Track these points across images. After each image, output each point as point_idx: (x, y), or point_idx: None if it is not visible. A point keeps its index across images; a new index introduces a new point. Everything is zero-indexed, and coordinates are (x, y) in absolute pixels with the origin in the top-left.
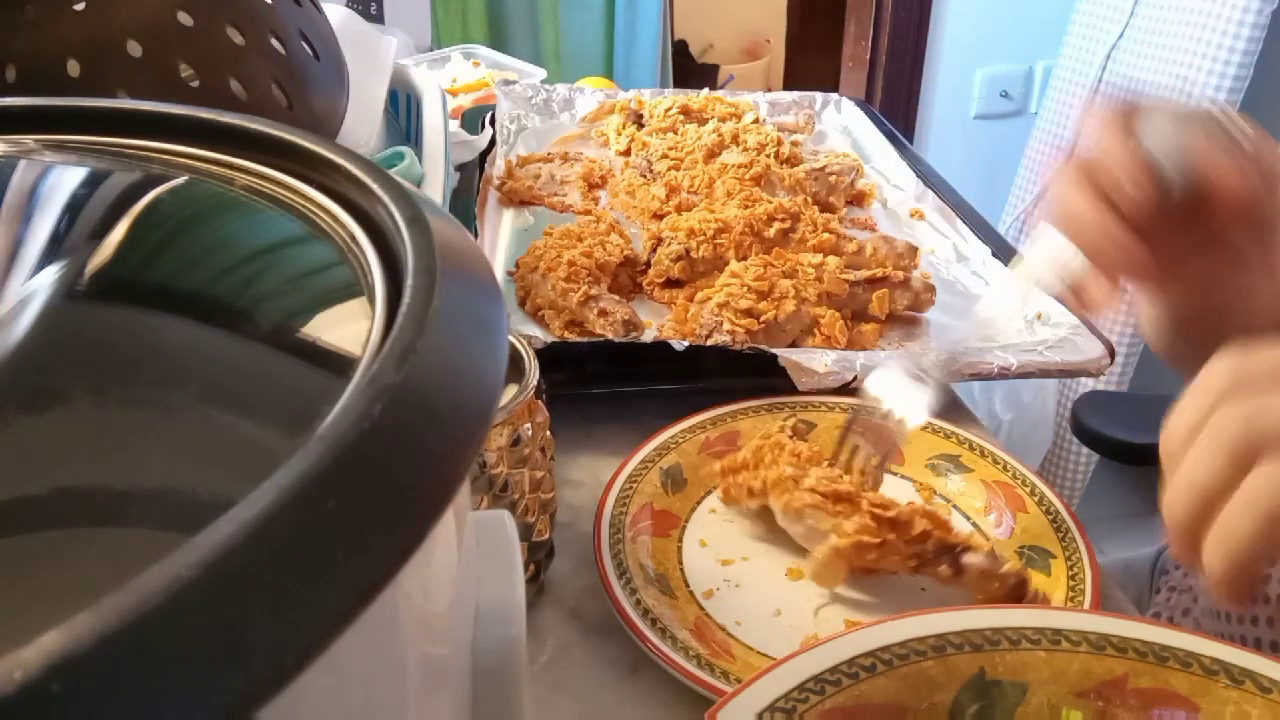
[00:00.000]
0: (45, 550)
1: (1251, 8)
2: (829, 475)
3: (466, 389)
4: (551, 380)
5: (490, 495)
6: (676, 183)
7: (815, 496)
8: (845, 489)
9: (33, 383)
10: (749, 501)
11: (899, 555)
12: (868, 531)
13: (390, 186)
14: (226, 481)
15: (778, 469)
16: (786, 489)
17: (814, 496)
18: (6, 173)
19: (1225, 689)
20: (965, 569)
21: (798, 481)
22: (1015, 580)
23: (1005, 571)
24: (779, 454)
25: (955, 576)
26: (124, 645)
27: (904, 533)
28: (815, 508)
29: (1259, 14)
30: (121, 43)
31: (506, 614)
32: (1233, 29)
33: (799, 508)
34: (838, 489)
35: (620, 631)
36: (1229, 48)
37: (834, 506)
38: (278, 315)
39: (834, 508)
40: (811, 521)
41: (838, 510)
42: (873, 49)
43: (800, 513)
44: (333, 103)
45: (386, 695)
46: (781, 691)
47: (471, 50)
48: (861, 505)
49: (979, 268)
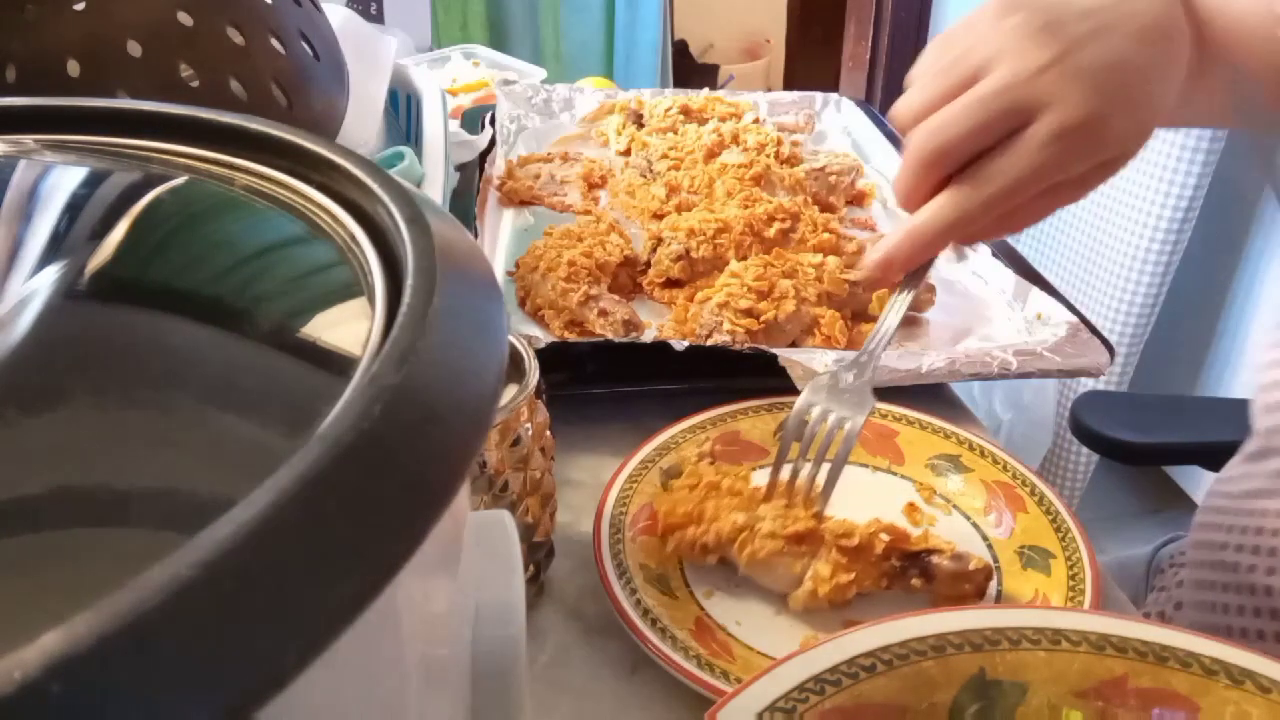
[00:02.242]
0: (45, 550)
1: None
2: (780, 513)
3: (466, 389)
4: (551, 380)
5: (490, 495)
6: (676, 183)
7: (778, 542)
8: (803, 527)
9: (33, 383)
10: (706, 559)
11: (870, 579)
12: (841, 570)
13: (390, 186)
14: (226, 481)
15: (728, 519)
16: (746, 542)
17: (777, 543)
18: (6, 173)
19: (1225, 689)
20: (935, 575)
21: (753, 529)
22: (984, 576)
23: (974, 569)
24: (719, 499)
25: (927, 584)
26: (124, 645)
27: (869, 555)
28: (781, 554)
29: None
30: (121, 43)
31: (506, 614)
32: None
33: (764, 558)
34: (797, 530)
35: (620, 631)
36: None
37: (799, 548)
38: (278, 315)
39: (799, 549)
40: (781, 570)
41: (803, 551)
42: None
43: (767, 563)
44: (333, 103)
45: (386, 695)
46: (781, 691)
47: (471, 50)
48: (824, 538)
49: (979, 268)
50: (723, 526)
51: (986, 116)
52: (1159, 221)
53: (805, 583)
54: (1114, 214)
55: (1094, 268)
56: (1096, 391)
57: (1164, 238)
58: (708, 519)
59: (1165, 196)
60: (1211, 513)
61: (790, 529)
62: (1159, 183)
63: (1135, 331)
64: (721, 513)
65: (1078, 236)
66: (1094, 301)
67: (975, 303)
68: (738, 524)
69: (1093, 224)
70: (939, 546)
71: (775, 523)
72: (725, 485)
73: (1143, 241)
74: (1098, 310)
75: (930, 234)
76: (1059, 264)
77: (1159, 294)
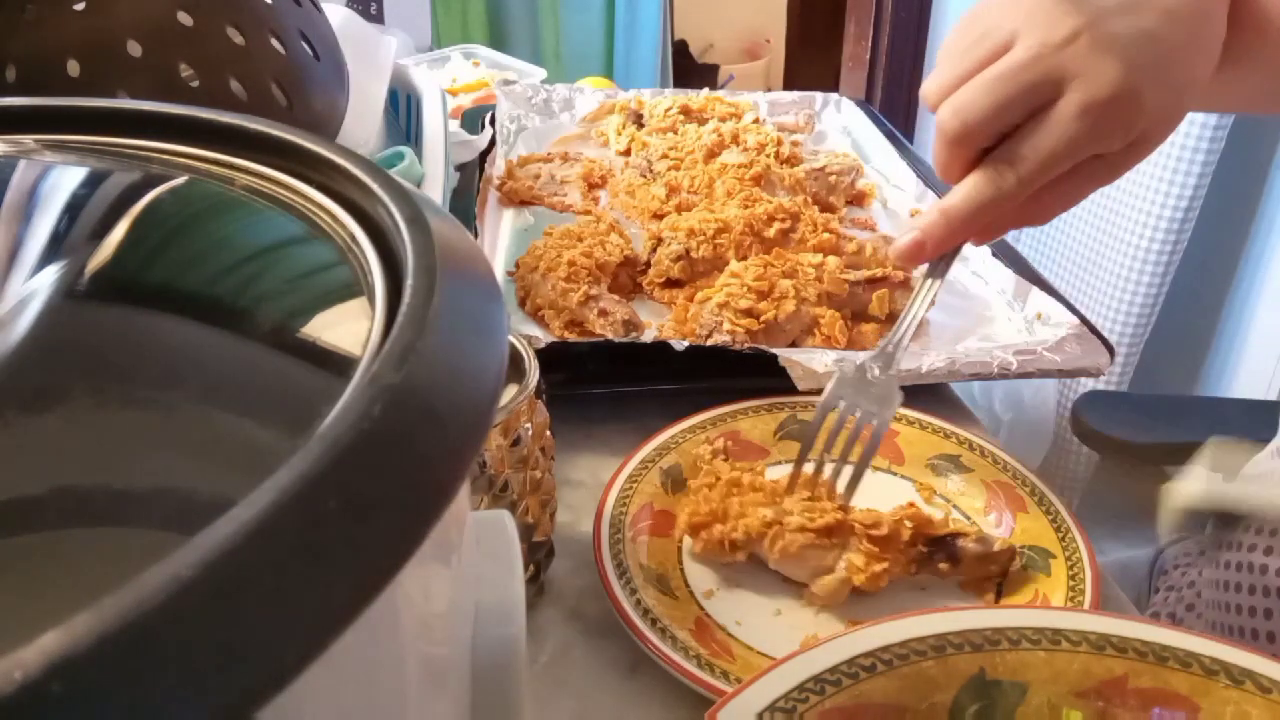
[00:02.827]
0: (45, 550)
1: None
2: (807, 506)
3: (466, 389)
4: (551, 380)
5: (490, 495)
6: (676, 183)
7: (809, 535)
8: (831, 519)
9: (33, 383)
10: (732, 556)
11: (899, 566)
12: (874, 559)
13: (390, 186)
14: (226, 481)
15: (755, 515)
16: (777, 536)
17: (807, 536)
18: (6, 173)
19: (1225, 689)
20: (961, 558)
21: (782, 523)
22: (1008, 557)
23: (998, 550)
24: (742, 495)
25: (954, 568)
26: (124, 645)
27: (896, 543)
28: (812, 546)
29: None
30: (121, 43)
31: (506, 614)
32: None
33: (795, 551)
34: (826, 522)
35: (620, 631)
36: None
37: (829, 540)
38: (278, 315)
39: (830, 541)
40: (813, 562)
41: (833, 543)
42: (873, 49)
43: (798, 555)
44: (333, 103)
45: (386, 695)
46: (781, 691)
47: (471, 50)
48: (853, 529)
49: (979, 268)
50: (751, 522)
51: (1011, 91)
52: (1159, 221)
53: (838, 571)
54: (1114, 214)
55: (1094, 268)
56: (1097, 391)
57: (1164, 238)
58: (734, 516)
59: (1165, 196)
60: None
61: (820, 522)
62: (1159, 183)
63: (1135, 331)
64: (747, 509)
65: (1078, 236)
66: (1094, 301)
67: (975, 303)
68: (766, 519)
69: (1093, 224)
70: (964, 530)
71: (803, 516)
72: (746, 482)
73: (1143, 241)
74: (1098, 310)
75: (964, 213)
76: (1059, 264)
77: (1159, 294)
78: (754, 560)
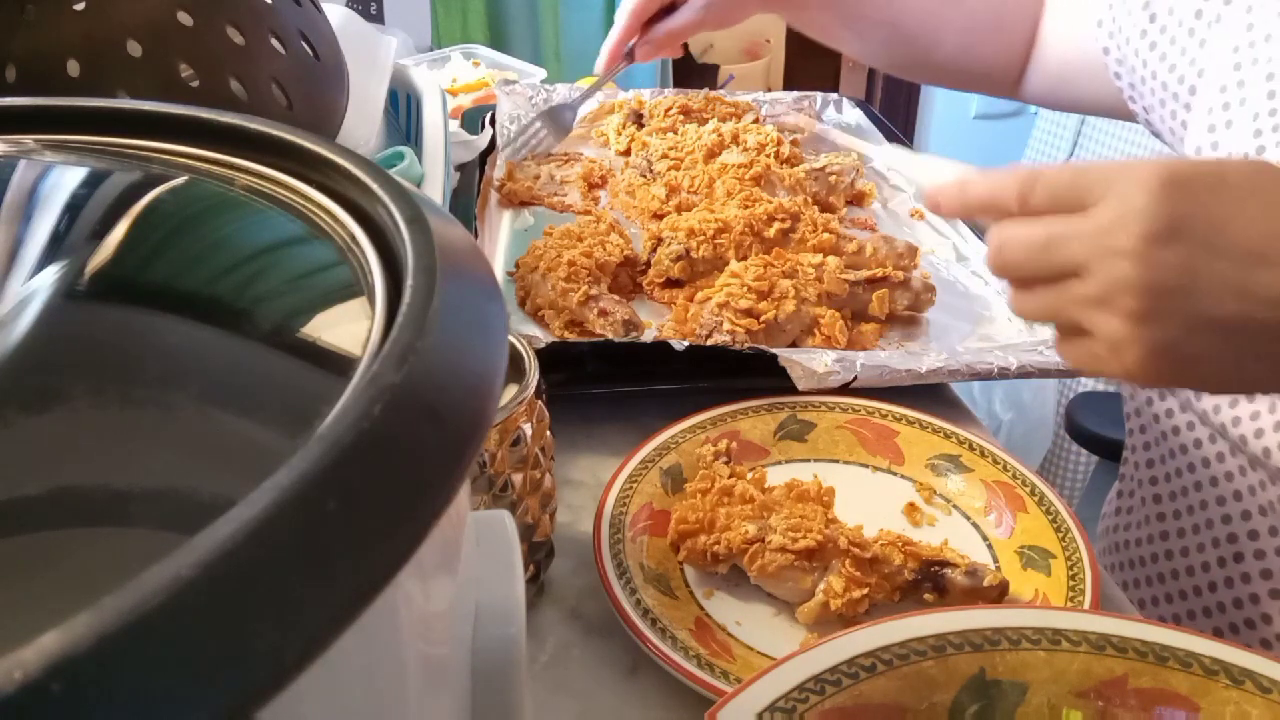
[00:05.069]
0: (45, 550)
1: None
2: (794, 524)
3: (466, 389)
4: (551, 380)
5: (490, 495)
6: (676, 183)
7: (789, 556)
8: (813, 542)
9: (33, 383)
10: (714, 567)
11: (882, 591)
12: (855, 583)
13: (390, 186)
14: (226, 481)
15: (739, 530)
16: (757, 554)
17: (787, 557)
18: (6, 173)
19: (1225, 689)
20: (948, 589)
21: (764, 541)
22: (999, 593)
23: (988, 585)
24: (730, 506)
25: (940, 598)
26: (124, 645)
27: (881, 568)
28: (791, 568)
29: None
30: (121, 43)
31: (506, 614)
32: None
33: (774, 571)
34: (807, 544)
35: (620, 631)
36: None
37: (809, 563)
38: (278, 315)
39: (810, 564)
40: (791, 583)
41: (813, 566)
42: None
43: (776, 575)
44: (333, 103)
45: (386, 695)
46: (781, 691)
47: (471, 50)
48: (837, 547)
49: (979, 268)
50: (733, 538)
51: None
52: None
53: (817, 595)
54: None
55: None
56: (1091, 392)
57: None
58: (719, 528)
59: None
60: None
61: (800, 544)
62: None
63: None
64: (733, 521)
65: None
66: None
67: (975, 303)
68: (748, 535)
69: None
70: (953, 560)
71: (785, 536)
72: (738, 491)
73: None
74: None
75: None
76: None
77: None
78: (738, 571)
